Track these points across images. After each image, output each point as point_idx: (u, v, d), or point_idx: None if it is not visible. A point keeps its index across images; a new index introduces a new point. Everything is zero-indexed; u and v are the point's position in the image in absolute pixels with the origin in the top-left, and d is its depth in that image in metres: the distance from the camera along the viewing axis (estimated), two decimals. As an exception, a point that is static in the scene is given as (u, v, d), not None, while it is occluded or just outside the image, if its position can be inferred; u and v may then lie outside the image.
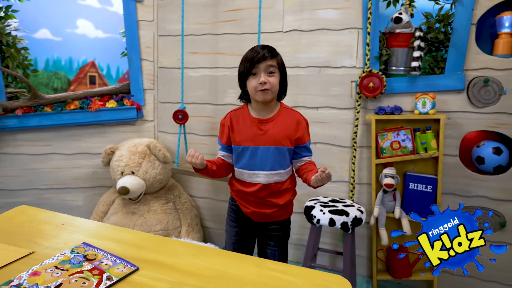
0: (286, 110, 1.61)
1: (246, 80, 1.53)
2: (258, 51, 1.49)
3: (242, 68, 1.53)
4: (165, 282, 0.97)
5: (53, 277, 0.93)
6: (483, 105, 2.17)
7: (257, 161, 1.56)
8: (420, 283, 2.39)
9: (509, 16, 2.10)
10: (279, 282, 0.99)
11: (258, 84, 1.48)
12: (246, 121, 1.58)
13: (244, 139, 1.57)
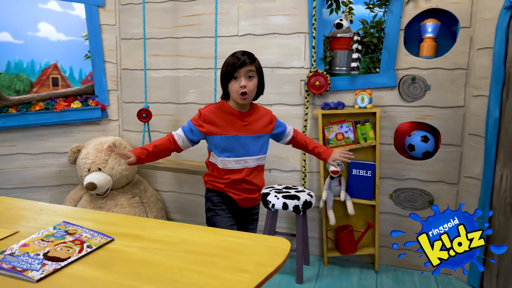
0: (257, 107, 1.86)
1: (228, 83, 1.71)
2: (239, 57, 1.67)
3: (225, 72, 1.70)
4: (137, 248, 1.17)
5: (41, 247, 1.11)
6: (412, 100, 2.51)
7: (244, 148, 1.75)
8: (365, 257, 2.70)
9: (431, 23, 2.45)
10: (232, 244, 1.22)
11: (239, 88, 1.66)
12: (228, 113, 1.74)
13: (230, 130, 1.73)
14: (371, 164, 2.53)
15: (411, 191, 2.59)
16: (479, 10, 2.33)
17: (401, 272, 2.61)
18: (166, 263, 1.08)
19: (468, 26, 2.37)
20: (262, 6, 2.69)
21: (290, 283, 2.44)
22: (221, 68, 1.73)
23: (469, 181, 2.43)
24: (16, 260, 1.04)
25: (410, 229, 2.59)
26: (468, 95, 2.41)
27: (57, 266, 1.02)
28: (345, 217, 2.66)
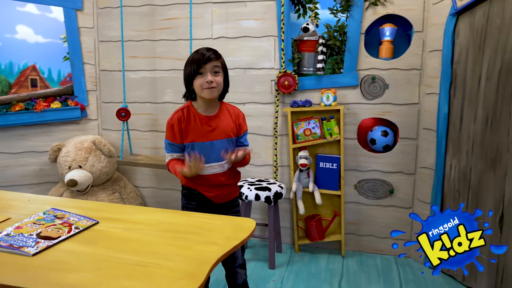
0: (226, 105, 1.79)
1: (193, 80, 1.65)
2: (204, 53, 1.62)
3: (190, 69, 1.65)
4: (120, 229, 1.33)
5: (33, 228, 1.26)
6: (372, 98, 2.74)
7: (211, 154, 1.69)
8: (332, 244, 2.91)
9: (389, 28, 2.68)
10: (204, 224, 1.39)
11: (205, 83, 1.61)
12: (195, 119, 1.68)
13: (197, 136, 1.68)
14: (336, 157, 2.74)
15: (373, 182, 2.81)
16: (430, 16, 2.58)
17: (365, 256, 2.83)
18: (146, 239, 1.25)
19: (421, 30, 2.61)
20: (234, 10, 2.87)
21: (264, 269, 2.62)
22: (184, 67, 1.70)
23: (424, 171, 2.68)
24: (12, 239, 1.18)
25: (372, 216, 2.83)
26: (422, 93, 2.66)
27: (50, 243, 1.17)
28: (314, 207, 2.87)
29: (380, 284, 2.44)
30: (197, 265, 1.07)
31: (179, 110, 1.72)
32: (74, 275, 1.01)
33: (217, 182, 1.75)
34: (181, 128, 1.69)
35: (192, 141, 1.69)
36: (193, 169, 1.59)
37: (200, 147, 1.69)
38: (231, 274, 1.85)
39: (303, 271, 2.59)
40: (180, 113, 1.70)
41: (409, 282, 2.47)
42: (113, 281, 0.98)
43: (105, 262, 1.09)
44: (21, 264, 1.06)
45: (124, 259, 1.11)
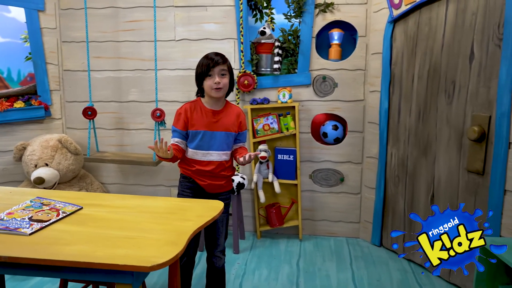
0: (230, 104, 2.01)
1: (203, 80, 1.88)
2: (213, 58, 1.86)
3: (200, 71, 1.88)
4: (103, 212, 1.50)
5: (24, 214, 1.40)
6: (323, 95, 3.04)
7: (211, 143, 1.92)
8: (291, 229, 3.18)
9: (337, 32, 2.98)
10: (179, 206, 1.59)
11: (213, 84, 1.84)
12: (202, 111, 1.92)
13: (201, 125, 1.91)
14: (292, 149, 3.01)
15: (326, 171, 3.12)
16: (371, 23, 2.91)
17: (320, 239, 3.13)
18: (129, 219, 1.43)
19: (364, 35, 2.94)
20: (196, 14, 3.06)
21: (228, 254, 2.84)
22: (196, 68, 1.93)
23: (369, 160, 3.02)
24: (7, 222, 1.32)
25: (326, 202, 3.14)
26: (366, 91, 2.99)
27: (43, 225, 1.32)
28: (273, 196, 3.13)
29: (333, 262, 2.74)
30: (176, 235, 1.27)
31: (189, 103, 1.97)
32: (71, 247, 1.18)
33: (212, 170, 1.93)
34: (187, 117, 1.92)
35: (196, 129, 1.91)
36: (159, 152, 1.74)
37: (203, 135, 1.91)
38: (212, 258, 2.04)
39: (264, 254, 2.84)
40: (189, 105, 1.95)
41: (358, 258, 2.79)
42: (106, 250, 1.16)
43: (96, 237, 1.26)
44: (21, 242, 1.21)
45: (113, 234, 1.29)
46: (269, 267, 2.64)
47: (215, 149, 1.94)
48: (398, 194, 2.81)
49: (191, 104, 1.95)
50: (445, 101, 2.37)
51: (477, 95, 2.17)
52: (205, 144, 1.92)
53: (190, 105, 1.95)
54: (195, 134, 1.92)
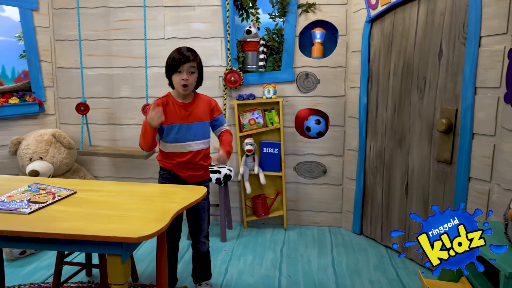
0: (198, 95, 2.12)
1: (172, 74, 1.96)
2: (184, 53, 1.92)
3: (170, 64, 1.95)
4: (95, 196, 1.64)
5: (23, 196, 1.53)
6: (306, 91, 3.19)
7: (188, 134, 2.00)
8: (276, 219, 3.33)
9: (319, 31, 3.14)
10: (165, 191, 1.74)
11: (182, 80, 1.92)
12: (174, 105, 2.00)
13: (175, 119, 1.98)
14: (277, 143, 3.16)
15: (309, 164, 3.27)
16: (351, 22, 3.07)
17: (304, 228, 3.29)
18: (119, 201, 1.57)
19: (345, 34, 3.10)
20: (185, 14, 3.19)
21: (216, 242, 2.99)
22: (167, 60, 1.99)
23: (350, 153, 3.18)
24: (7, 204, 1.45)
25: (309, 193, 3.29)
26: (347, 87, 3.15)
27: (40, 206, 1.46)
28: (259, 187, 3.27)
29: (315, 248, 2.90)
30: (161, 214, 1.42)
31: (161, 98, 2.04)
32: (67, 223, 1.32)
33: (191, 160, 2.04)
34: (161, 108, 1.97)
35: (171, 123, 1.99)
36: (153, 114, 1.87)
37: (179, 128, 2.00)
38: (197, 244, 2.20)
39: (250, 242, 2.99)
40: (161, 100, 2.02)
41: (339, 245, 2.95)
42: (99, 225, 1.30)
43: (89, 215, 1.40)
44: (21, 219, 1.35)
45: (104, 213, 1.43)
46: (254, 253, 2.79)
47: (192, 140, 2.03)
48: (376, 184, 2.97)
49: (162, 100, 2.01)
50: (417, 96, 2.54)
51: (445, 90, 2.34)
52: (181, 136, 2.00)
53: (162, 101, 2.01)
54: (170, 128, 1.99)
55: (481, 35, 2.09)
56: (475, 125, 2.15)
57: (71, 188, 1.70)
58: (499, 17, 2.01)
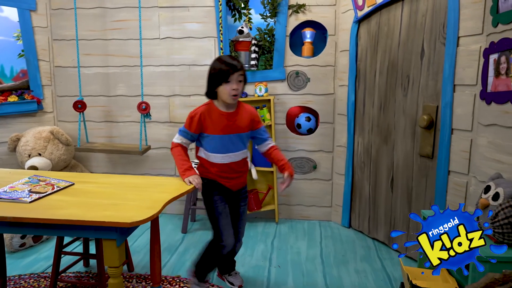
0: (242, 104, 2.05)
1: (219, 85, 1.88)
2: (232, 64, 1.86)
3: (218, 76, 1.87)
4: (92, 187, 1.74)
5: (24, 187, 1.63)
6: (297, 89, 3.30)
7: (229, 145, 1.97)
8: (268, 213, 3.44)
9: (309, 31, 3.24)
10: (157, 182, 1.84)
11: (232, 90, 1.86)
12: (217, 115, 1.94)
13: (217, 129, 1.93)
14: (269, 139, 3.27)
15: (300, 159, 3.38)
16: (340, 23, 3.17)
17: (295, 222, 3.40)
18: (114, 192, 1.67)
19: (334, 34, 3.21)
20: (179, 14, 3.29)
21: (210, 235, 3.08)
22: (211, 71, 1.92)
23: (339, 149, 3.29)
24: (10, 194, 1.55)
25: (300, 188, 3.39)
26: (336, 85, 3.26)
27: (40, 195, 1.56)
28: (251, 182, 3.38)
29: (304, 241, 3.01)
30: (153, 202, 1.52)
31: (203, 106, 1.98)
32: (65, 211, 1.42)
33: (233, 169, 2.03)
34: (201, 122, 1.94)
35: (213, 133, 1.95)
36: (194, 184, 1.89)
37: (221, 139, 1.96)
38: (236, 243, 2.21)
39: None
40: (203, 109, 1.97)
41: (328, 237, 3.06)
42: (95, 212, 1.41)
43: (86, 204, 1.50)
44: (23, 207, 1.45)
45: (100, 202, 1.53)
46: (246, 245, 2.90)
47: (233, 151, 2.00)
48: (364, 179, 3.08)
49: (205, 108, 1.97)
50: (402, 94, 2.65)
51: (427, 88, 2.45)
52: (223, 147, 1.97)
53: (204, 109, 1.96)
54: (212, 138, 1.97)
55: (459, 36, 2.21)
56: (454, 121, 2.27)
57: (69, 180, 1.80)
58: (475, 18, 2.12)
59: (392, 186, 2.79)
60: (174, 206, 3.48)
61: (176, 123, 3.42)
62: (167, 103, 3.41)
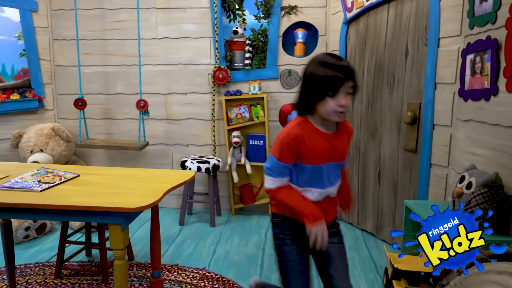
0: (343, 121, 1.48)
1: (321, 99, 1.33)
2: (344, 70, 1.30)
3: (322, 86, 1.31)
4: (96, 178, 1.87)
5: (34, 178, 1.76)
6: (289, 88, 3.44)
7: (328, 176, 1.45)
8: (262, 206, 3.58)
9: (301, 32, 3.38)
10: (158, 174, 1.97)
11: (338, 107, 1.31)
12: (316, 137, 1.39)
13: (319, 158, 1.40)
14: (262, 136, 3.41)
15: (293, 155, 3.52)
16: (330, 24, 3.32)
17: (288, 214, 3.54)
18: (118, 182, 1.80)
19: (324, 34, 3.35)
20: (176, 15, 3.42)
21: (206, 227, 3.23)
22: (309, 78, 1.36)
23: (330, 144, 3.43)
24: (21, 183, 1.68)
25: (292, 182, 3.52)
26: (327, 84, 3.40)
27: (49, 185, 1.69)
28: (246, 177, 3.52)
29: (297, 232, 3.15)
30: (155, 191, 1.65)
31: (295, 127, 1.40)
32: (74, 199, 1.55)
33: (327, 206, 1.49)
34: (299, 148, 1.38)
35: (311, 163, 1.40)
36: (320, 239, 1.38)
37: (319, 170, 1.41)
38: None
39: (237, 227, 3.23)
40: (298, 130, 1.38)
41: (319, 229, 3.20)
42: (101, 200, 1.54)
43: (92, 193, 1.63)
44: (34, 196, 1.58)
45: (105, 191, 1.66)
46: (241, 236, 3.04)
47: (331, 184, 1.47)
48: (353, 173, 3.23)
49: (300, 129, 1.39)
50: (388, 91, 2.79)
51: (411, 86, 2.60)
52: (319, 180, 1.44)
53: (299, 130, 1.38)
54: (309, 168, 1.42)
55: (440, 37, 2.35)
56: (435, 117, 2.41)
57: (75, 171, 1.93)
58: (454, 21, 2.27)
59: (379, 180, 2.94)
60: (172, 200, 3.62)
61: (173, 120, 3.55)
62: (164, 100, 3.54)
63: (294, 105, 1.46)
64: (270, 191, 1.46)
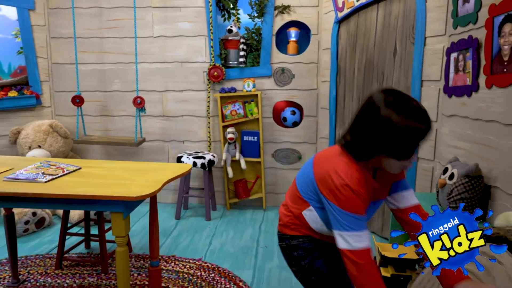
0: None
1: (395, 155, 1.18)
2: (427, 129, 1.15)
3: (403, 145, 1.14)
4: (99, 170, 1.94)
5: (38, 170, 1.83)
6: (283, 85, 3.53)
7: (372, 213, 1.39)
8: (256, 201, 3.67)
9: (294, 31, 3.48)
10: (157, 167, 2.05)
11: (409, 163, 1.22)
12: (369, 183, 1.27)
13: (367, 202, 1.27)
14: (256, 132, 3.50)
15: (286, 150, 3.62)
16: (322, 23, 3.42)
17: (281, 209, 3.63)
18: (119, 174, 1.88)
19: (317, 33, 3.45)
20: (171, 14, 3.49)
21: (201, 221, 3.31)
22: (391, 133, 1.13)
23: (322, 140, 3.53)
24: (26, 175, 1.75)
25: (286, 177, 3.63)
26: (319, 81, 3.50)
27: (53, 177, 1.76)
28: (240, 172, 3.61)
29: (290, 225, 3.24)
30: (154, 181, 1.74)
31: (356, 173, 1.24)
32: (79, 188, 1.63)
33: None
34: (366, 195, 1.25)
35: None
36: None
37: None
38: None
39: (232, 221, 3.33)
40: (360, 177, 1.24)
41: (311, 222, 3.31)
42: (104, 190, 1.62)
43: (95, 184, 1.71)
44: (40, 186, 1.65)
45: (107, 182, 1.74)
46: (235, 229, 3.13)
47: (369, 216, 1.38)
48: (344, 168, 3.33)
49: (362, 176, 1.25)
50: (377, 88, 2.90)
51: (399, 83, 2.70)
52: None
53: (362, 178, 1.24)
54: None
55: (426, 36, 2.46)
56: (422, 112, 2.52)
57: (76, 164, 2.00)
58: (439, 21, 2.38)
59: (369, 174, 3.04)
60: (168, 196, 3.70)
61: (169, 116, 3.62)
62: (160, 98, 3.62)
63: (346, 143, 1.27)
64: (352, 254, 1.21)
